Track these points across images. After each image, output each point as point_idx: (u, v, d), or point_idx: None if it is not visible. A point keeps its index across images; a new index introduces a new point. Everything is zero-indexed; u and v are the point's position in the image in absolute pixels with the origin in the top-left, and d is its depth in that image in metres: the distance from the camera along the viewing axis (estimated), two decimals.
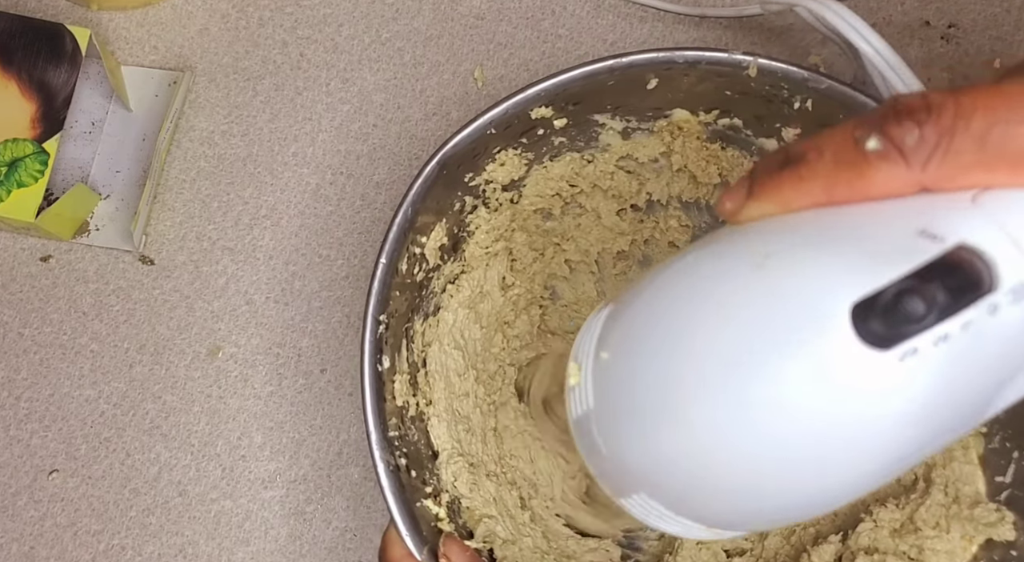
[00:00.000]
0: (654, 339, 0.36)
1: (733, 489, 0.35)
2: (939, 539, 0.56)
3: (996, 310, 0.31)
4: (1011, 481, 0.55)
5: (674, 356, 0.35)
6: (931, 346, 0.31)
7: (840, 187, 0.35)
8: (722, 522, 0.38)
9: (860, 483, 0.35)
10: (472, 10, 0.73)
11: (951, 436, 0.35)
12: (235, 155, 0.72)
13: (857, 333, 0.31)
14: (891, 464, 0.34)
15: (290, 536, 0.67)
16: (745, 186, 0.38)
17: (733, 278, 0.35)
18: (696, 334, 0.35)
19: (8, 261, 0.70)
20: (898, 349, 0.31)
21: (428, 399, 0.61)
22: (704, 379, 0.34)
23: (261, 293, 0.70)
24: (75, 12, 0.74)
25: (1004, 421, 0.56)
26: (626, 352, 0.37)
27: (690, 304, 0.35)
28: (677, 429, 0.35)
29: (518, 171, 0.63)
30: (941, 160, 0.33)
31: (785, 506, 0.36)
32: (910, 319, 0.31)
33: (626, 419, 0.37)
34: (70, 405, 0.69)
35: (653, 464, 0.36)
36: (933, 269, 0.31)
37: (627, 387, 0.37)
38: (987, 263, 0.32)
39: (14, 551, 0.67)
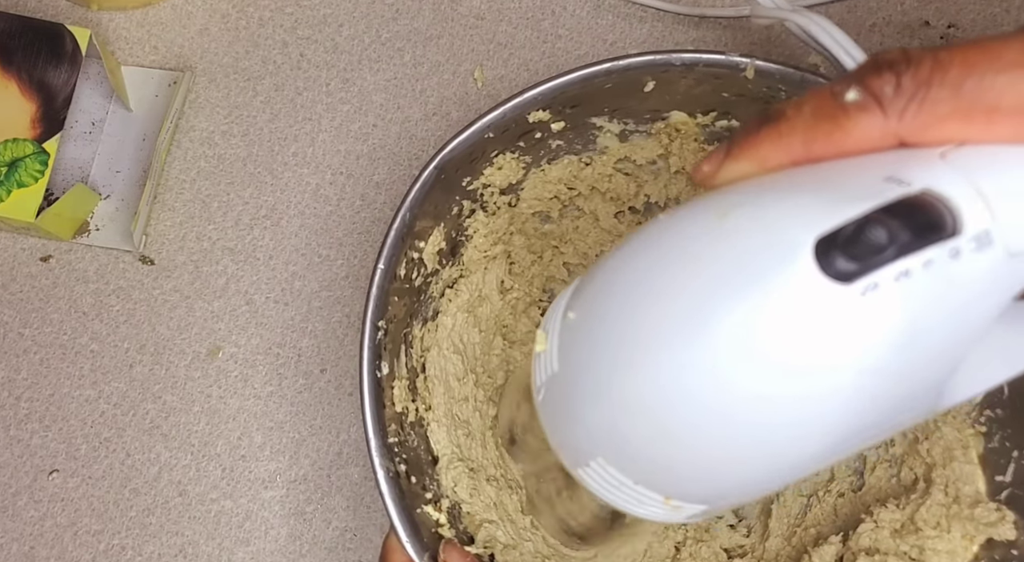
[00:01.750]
0: (619, 295, 0.36)
1: (692, 445, 0.35)
2: (940, 539, 0.56)
3: (958, 254, 0.31)
4: (1011, 480, 0.55)
5: (637, 308, 0.35)
6: (892, 281, 0.31)
7: (818, 140, 0.35)
8: (680, 491, 0.37)
9: (824, 441, 0.34)
10: (472, 10, 0.73)
11: (913, 404, 0.35)
12: (235, 155, 0.72)
13: (820, 267, 0.31)
14: (854, 421, 0.33)
15: (290, 536, 0.67)
16: (723, 149, 0.38)
17: (697, 231, 0.35)
18: (658, 284, 0.34)
19: (8, 261, 0.71)
20: (860, 283, 0.31)
21: (427, 404, 0.61)
22: (666, 326, 0.34)
23: (261, 293, 0.70)
24: (75, 12, 0.74)
25: (1004, 420, 0.56)
26: (592, 310, 0.37)
27: (655, 259, 0.35)
28: (637, 380, 0.34)
29: (516, 175, 0.63)
30: (918, 109, 0.33)
31: (745, 467, 0.35)
32: (872, 249, 0.31)
33: (588, 376, 0.37)
34: (70, 405, 0.69)
35: (612, 421, 0.36)
36: (897, 207, 0.32)
37: (590, 343, 0.37)
38: (951, 209, 0.32)
39: (14, 551, 0.67)
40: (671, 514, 0.38)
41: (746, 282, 0.32)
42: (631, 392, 0.35)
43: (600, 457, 0.37)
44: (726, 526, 0.64)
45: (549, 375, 0.39)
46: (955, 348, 0.34)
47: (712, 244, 0.34)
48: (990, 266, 0.32)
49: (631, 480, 0.37)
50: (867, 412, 0.33)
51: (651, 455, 0.36)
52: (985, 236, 0.32)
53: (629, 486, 0.37)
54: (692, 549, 0.62)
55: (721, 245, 0.33)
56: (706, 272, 0.33)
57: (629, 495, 0.38)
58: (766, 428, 0.33)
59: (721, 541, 0.63)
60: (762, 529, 0.63)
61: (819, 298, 0.31)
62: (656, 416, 0.34)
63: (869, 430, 0.35)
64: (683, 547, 0.63)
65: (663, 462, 0.36)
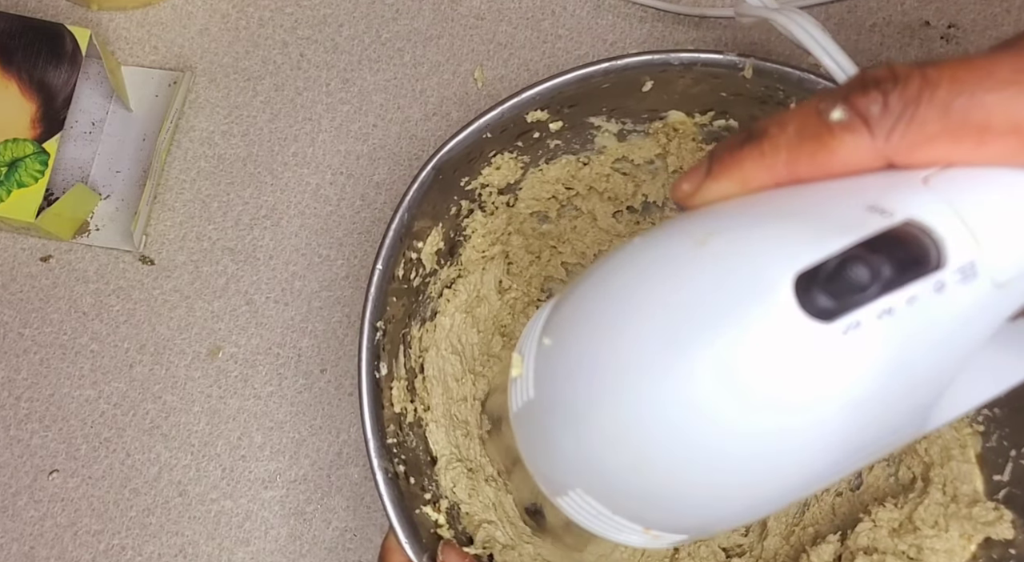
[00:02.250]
0: (595, 321, 0.35)
1: (671, 478, 0.34)
2: (938, 538, 0.56)
3: (943, 288, 0.31)
4: (1009, 479, 0.56)
5: (613, 337, 0.34)
6: (875, 319, 0.30)
7: (803, 161, 0.34)
8: (661, 522, 0.37)
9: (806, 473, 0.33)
10: (472, 10, 0.74)
11: (896, 434, 0.35)
12: (235, 155, 0.72)
13: (800, 304, 0.30)
14: (837, 453, 0.33)
15: (290, 536, 0.68)
16: (704, 167, 0.37)
17: (675, 257, 0.34)
18: (635, 313, 0.33)
19: (8, 261, 0.71)
20: (841, 321, 0.30)
21: (426, 405, 0.62)
22: (642, 356, 0.33)
23: (261, 293, 0.71)
24: (75, 12, 0.74)
25: (1001, 420, 0.57)
26: (568, 336, 0.36)
27: (632, 286, 0.34)
28: (614, 412, 0.33)
29: (514, 174, 0.63)
30: (905, 130, 0.32)
31: (726, 500, 0.34)
32: (853, 288, 0.30)
33: (564, 406, 0.36)
34: (70, 405, 0.69)
35: (589, 454, 0.35)
36: (879, 241, 0.31)
37: (566, 372, 0.36)
38: (935, 240, 0.31)
39: (14, 551, 0.68)
40: (652, 542, 0.38)
41: (724, 314, 0.31)
42: (607, 423, 0.34)
43: (578, 488, 0.36)
44: None
45: (525, 401, 0.38)
46: (940, 378, 0.33)
47: (690, 271, 0.33)
48: (976, 297, 0.31)
49: (610, 510, 0.36)
50: (850, 443, 0.33)
51: (630, 487, 0.35)
52: (970, 268, 0.31)
53: (608, 516, 0.37)
54: (690, 548, 0.62)
55: (699, 273, 0.33)
56: (684, 301, 0.33)
57: (609, 524, 0.37)
58: (746, 462, 0.33)
59: (719, 540, 0.63)
60: (760, 528, 0.64)
61: (799, 335, 0.31)
62: (633, 448, 0.34)
63: (852, 458, 0.34)
64: (681, 547, 0.63)
65: (642, 494, 0.35)
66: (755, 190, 0.35)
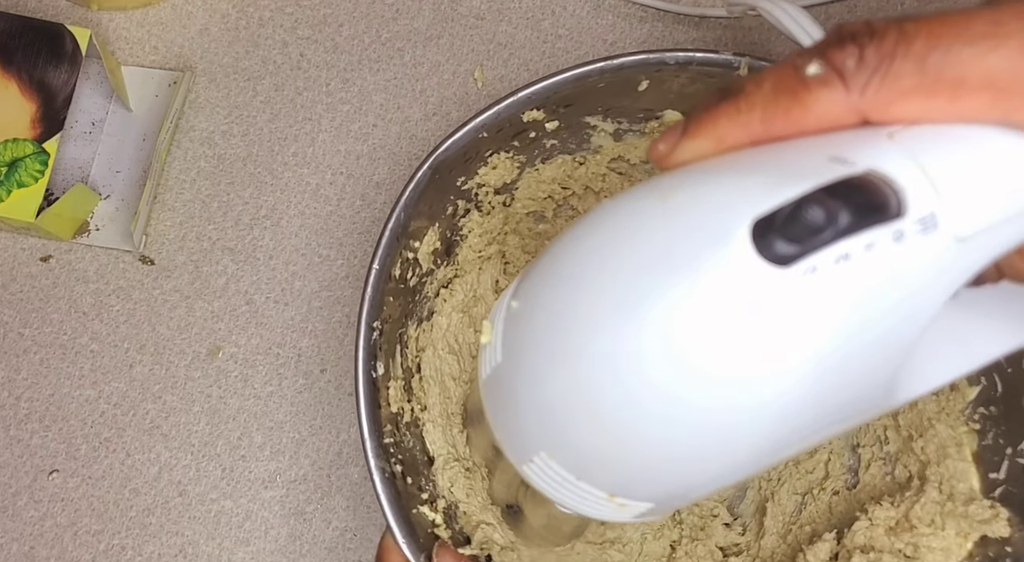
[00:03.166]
0: (559, 282, 0.35)
1: (628, 439, 0.34)
2: (934, 536, 0.57)
3: (902, 238, 0.31)
4: (1005, 477, 0.56)
5: (573, 294, 0.34)
6: (832, 264, 0.30)
7: (778, 117, 0.34)
8: (624, 488, 0.36)
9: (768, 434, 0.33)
10: (472, 10, 0.75)
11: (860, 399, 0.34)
12: (235, 155, 0.73)
13: (757, 249, 0.30)
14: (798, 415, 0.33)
15: (290, 536, 0.68)
16: (680, 127, 0.36)
17: (639, 215, 0.34)
18: (594, 270, 0.34)
19: (8, 261, 0.72)
20: (798, 266, 0.30)
21: (423, 404, 0.62)
22: (599, 314, 0.33)
23: (261, 293, 0.71)
24: (75, 12, 0.75)
25: (997, 417, 0.57)
26: (534, 298, 0.36)
27: (596, 246, 0.34)
28: (572, 369, 0.33)
29: (510, 174, 0.64)
30: (880, 83, 0.32)
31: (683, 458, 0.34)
32: (810, 230, 0.30)
33: (529, 367, 0.36)
34: (70, 405, 0.70)
35: (551, 413, 0.35)
36: (838, 188, 0.31)
37: (531, 333, 0.36)
38: (896, 190, 0.31)
39: (14, 551, 0.69)
40: (618, 512, 0.38)
41: (679, 265, 0.31)
42: (566, 382, 0.34)
43: (542, 452, 0.36)
44: (721, 524, 0.65)
45: (494, 367, 0.38)
46: (901, 337, 0.33)
47: (651, 226, 0.33)
48: (936, 251, 0.31)
49: (573, 476, 0.36)
50: (811, 406, 0.32)
51: (590, 449, 0.35)
52: (931, 219, 0.31)
53: (572, 482, 0.37)
54: (688, 547, 0.63)
55: (659, 227, 0.33)
56: (640, 255, 0.32)
57: (573, 492, 0.37)
58: (704, 419, 0.32)
59: (716, 539, 0.64)
60: (757, 527, 0.64)
61: (756, 282, 0.30)
62: (592, 407, 0.34)
63: (816, 425, 0.34)
64: (679, 546, 0.64)
65: (603, 457, 0.35)
66: (730, 148, 0.35)
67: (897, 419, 0.61)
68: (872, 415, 0.36)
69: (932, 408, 0.59)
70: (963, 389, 0.59)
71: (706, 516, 0.65)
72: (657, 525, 0.64)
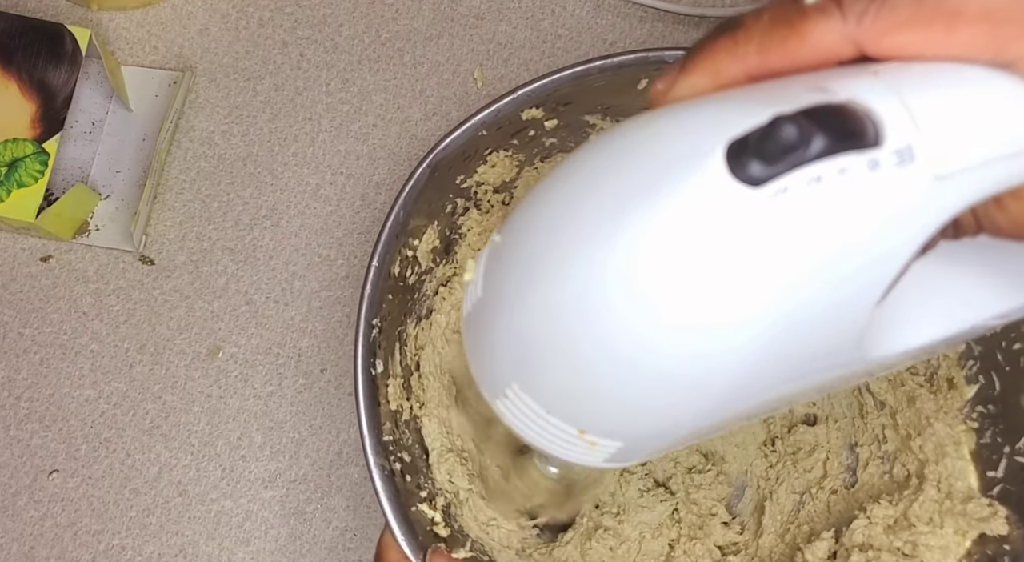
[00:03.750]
0: (539, 213, 0.35)
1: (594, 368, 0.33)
2: (933, 535, 0.57)
3: (877, 166, 0.30)
4: (1003, 476, 0.57)
5: (549, 224, 0.34)
6: (804, 185, 0.30)
7: (774, 48, 0.33)
8: (592, 423, 0.36)
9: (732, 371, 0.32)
10: (472, 10, 0.75)
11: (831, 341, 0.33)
12: (235, 155, 0.74)
13: (730, 170, 0.30)
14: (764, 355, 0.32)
15: (290, 536, 0.69)
16: (678, 65, 0.36)
17: (617, 145, 0.33)
18: (573, 198, 0.33)
19: (8, 261, 0.72)
20: (770, 186, 0.30)
21: (421, 402, 0.63)
22: (572, 238, 0.33)
23: (261, 293, 0.72)
24: (75, 12, 0.76)
25: (995, 416, 0.58)
26: (514, 230, 0.36)
27: (578, 176, 0.34)
28: (544, 297, 0.33)
29: (509, 173, 0.65)
30: (876, 13, 0.32)
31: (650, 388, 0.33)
32: (783, 148, 0.30)
33: (504, 296, 0.36)
34: (70, 405, 0.71)
35: (523, 340, 0.35)
36: (815, 111, 0.30)
37: (509, 263, 0.36)
38: (874, 121, 0.31)
39: (14, 551, 0.69)
40: (589, 452, 0.37)
41: (650, 189, 0.31)
42: (538, 311, 0.34)
43: (515, 384, 0.36)
44: (720, 523, 0.65)
45: (474, 303, 0.38)
46: (873, 278, 0.32)
47: (627, 155, 0.33)
48: (913, 186, 0.31)
49: (544, 410, 0.36)
50: (780, 343, 0.32)
51: (559, 382, 0.35)
52: (908, 151, 0.30)
53: (543, 417, 0.36)
54: (686, 546, 0.64)
55: (634, 155, 0.32)
56: (614, 182, 0.32)
57: (545, 429, 0.37)
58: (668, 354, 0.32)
59: (715, 538, 0.65)
60: (756, 526, 0.65)
61: (728, 202, 0.30)
62: (560, 339, 0.34)
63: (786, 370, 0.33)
64: (677, 544, 0.64)
65: (571, 390, 0.35)
66: (727, 83, 0.35)
67: (895, 418, 0.62)
68: (846, 372, 0.36)
69: (930, 407, 0.60)
70: (961, 387, 0.59)
71: (704, 515, 0.65)
72: (656, 523, 0.65)
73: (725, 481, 0.67)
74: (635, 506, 0.65)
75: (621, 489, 0.65)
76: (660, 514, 0.65)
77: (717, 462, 0.67)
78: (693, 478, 0.66)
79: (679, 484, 0.66)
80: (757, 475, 0.67)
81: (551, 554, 0.64)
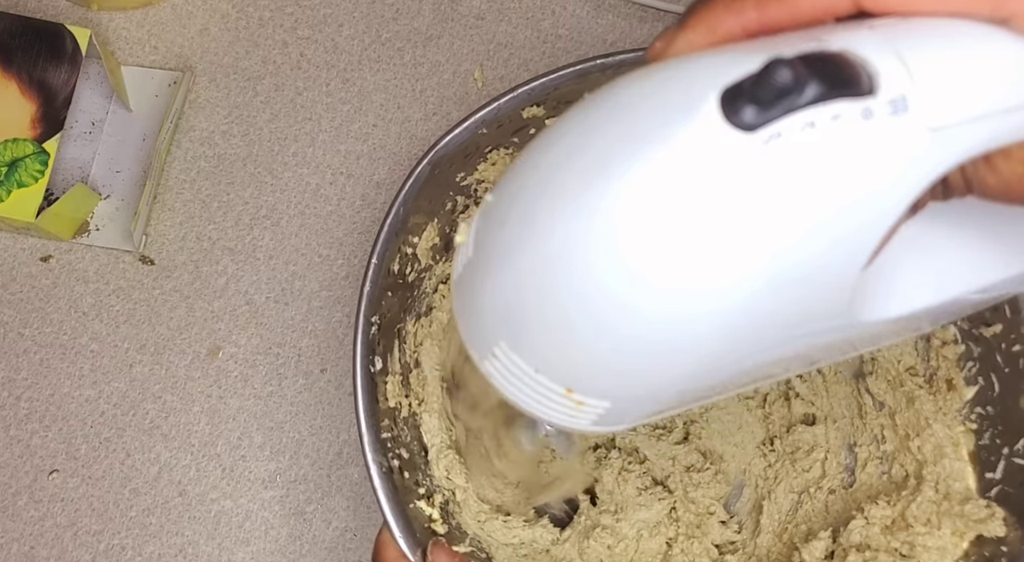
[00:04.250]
0: (530, 168, 0.35)
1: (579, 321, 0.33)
2: (930, 535, 0.58)
3: (871, 115, 0.30)
4: (1001, 477, 0.57)
5: (541, 178, 0.34)
6: (797, 131, 0.30)
7: (772, 2, 0.33)
8: (579, 381, 0.36)
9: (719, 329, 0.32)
10: (472, 10, 0.76)
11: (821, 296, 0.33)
12: (235, 155, 0.74)
13: (725, 115, 0.30)
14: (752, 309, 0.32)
15: (290, 536, 0.70)
16: (677, 23, 0.36)
17: (612, 99, 0.34)
18: (564, 153, 0.34)
19: (8, 261, 0.73)
20: (763, 132, 0.30)
21: (420, 399, 0.63)
22: (560, 193, 0.33)
23: (261, 293, 0.72)
24: (75, 12, 0.76)
25: (994, 417, 0.58)
26: (506, 189, 0.36)
27: (571, 129, 0.34)
28: (532, 252, 0.34)
29: None
30: None
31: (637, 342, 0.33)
32: (777, 92, 0.30)
33: (494, 253, 0.36)
34: (70, 405, 0.71)
35: (511, 296, 0.35)
36: (810, 58, 0.31)
37: (499, 220, 0.36)
38: (869, 71, 0.31)
39: (14, 551, 0.70)
40: (576, 413, 0.37)
41: (643, 138, 0.31)
42: (526, 266, 0.34)
43: (502, 342, 0.36)
44: (717, 522, 0.66)
45: (465, 263, 0.38)
46: (865, 230, 0.32)
47: (620, 108, 0.33)
48: (906, 136, 0.31)
49: (532, 368, 0.36)
50: (769, 300, 0.32)
51: (546, 337, 0.35)
52: (901, 101, 0.31)
53: (531, 376, 0.36)
54: (684, 545, 0.64)
55: (628, 108, 0.33)
56: (607, 134, 0.32)
57: (532, 389, 0.37)
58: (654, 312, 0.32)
59: (712, 537, 0.65)
60: (753, 525, 0.65)
61: (722, 148, 0.30)
62: (546, 292, 0.34)
63: (775, 332, 0.34)
64: (674, 543, 0.65)
65: (557, 346, 0.35)
66: (724, 39, 0.35)
67: (894, 418, 0.62)
68: (835, 338, 0.37)
69: (929, 408, 0.60)
70: (960, 389, 0.60)
71: (702, 514, 0.66)
72: (653, 522, 0.65)
73: (723, 480, 0.67)
74: (633, 504, 0.65)
75: (619, 487, 0.65)
76: (658, 513, 0.65)
77: (715, 461, 0.67)
78: (691, 477, 0.66)
79: (677, 483, 0.66)
80: (755, 474, 0.67)
81: (548, 552, 0.64)
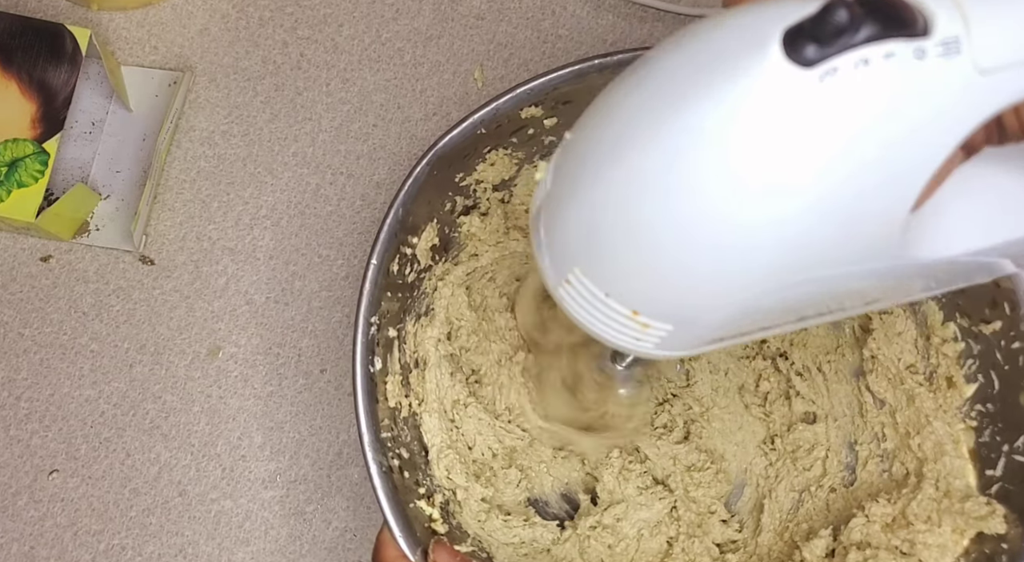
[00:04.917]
0: (609, 105, 0.38)
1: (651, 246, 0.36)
2: (931, 533, 0.58)
3: (923, 55, 0.33)
4: (1001, 475, 0.58)
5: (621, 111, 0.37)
6: (851, 67, 0.32)
7: None
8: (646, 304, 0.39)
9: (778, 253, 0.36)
10: (472, 10, 0.76)
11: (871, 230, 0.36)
12: (235, 155, 0.75)
13: (786, 53, 0.33)
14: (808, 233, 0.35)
15: (290, 536, 0.70)
16: None
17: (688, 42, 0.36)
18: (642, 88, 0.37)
19: (8, 261, 0.73)
20: (820, 67, 0.32)
21: (420, 398, 0.64)
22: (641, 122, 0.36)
23: (261, 293, 0.73)
24: (75, 12, 0.76)
25: (994, 415, 0.59)
26: (586, 124, 0.39)
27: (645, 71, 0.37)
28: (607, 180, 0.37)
29: (508, 171, 0.65)
30: None
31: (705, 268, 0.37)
32: (834, 30, 0.32)
33: (572, 183, 0.39)
34: (70, 405, 0.71)
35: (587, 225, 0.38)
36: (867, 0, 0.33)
37: (577, 155, 0.39)
38: (924, 13, 0.33)
39: (14, 551, 0.70)
40: (642, 335, 0.40)
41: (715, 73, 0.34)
42: (605, 191, 0.37)
43: (576, 268, 0.40)
44: (718, 521, 0.66)
45: (543, 198, 0.41)
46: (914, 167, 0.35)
47: (694, 49, 0.36)
48: (956, 77, 0.33)
49: (603, 292, 0.39)
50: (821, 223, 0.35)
51: (619, 259, 0.38)
52: (954, 43, 0.33)
53: (601, 300, 0.40)
54: (685, 544, 0.65)
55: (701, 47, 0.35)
56: (684, 67, 0.35)
57: (602, 312, 0.40)
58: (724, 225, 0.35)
59: (714, 536, 0.65)
60: (754, 524, 0.66)
61: (784, 83, 0.33)
62: (621, 217, 0.37)
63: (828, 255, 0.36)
64: (675, 542, 0.65)
65: (629, 267, 0.38)
66: None
67: (895, 416, 0.63)
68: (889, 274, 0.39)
69: (929, 405, 0.61)
70: (960, 386, 0.60)
71: (703, 513, 0.66)
72: (654, 521, 0.65)
73: (724, 479, 0.67)
74: (634, 504, 0.65)
75: (620, 487, 0.66)
76: (659, 512, 0.65)
77: (716, 460, 0.68)
78: (692, 476, 0.67)
79: (678, 482, 0.67)
80: (756, 473, 0.67)
81: (549, 552, 0.65)
